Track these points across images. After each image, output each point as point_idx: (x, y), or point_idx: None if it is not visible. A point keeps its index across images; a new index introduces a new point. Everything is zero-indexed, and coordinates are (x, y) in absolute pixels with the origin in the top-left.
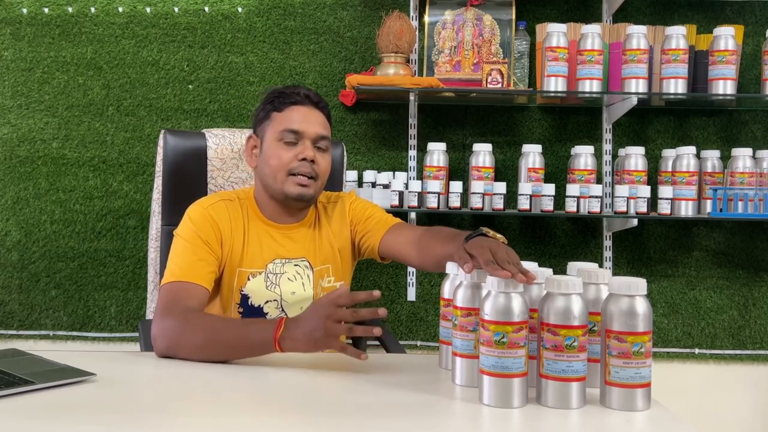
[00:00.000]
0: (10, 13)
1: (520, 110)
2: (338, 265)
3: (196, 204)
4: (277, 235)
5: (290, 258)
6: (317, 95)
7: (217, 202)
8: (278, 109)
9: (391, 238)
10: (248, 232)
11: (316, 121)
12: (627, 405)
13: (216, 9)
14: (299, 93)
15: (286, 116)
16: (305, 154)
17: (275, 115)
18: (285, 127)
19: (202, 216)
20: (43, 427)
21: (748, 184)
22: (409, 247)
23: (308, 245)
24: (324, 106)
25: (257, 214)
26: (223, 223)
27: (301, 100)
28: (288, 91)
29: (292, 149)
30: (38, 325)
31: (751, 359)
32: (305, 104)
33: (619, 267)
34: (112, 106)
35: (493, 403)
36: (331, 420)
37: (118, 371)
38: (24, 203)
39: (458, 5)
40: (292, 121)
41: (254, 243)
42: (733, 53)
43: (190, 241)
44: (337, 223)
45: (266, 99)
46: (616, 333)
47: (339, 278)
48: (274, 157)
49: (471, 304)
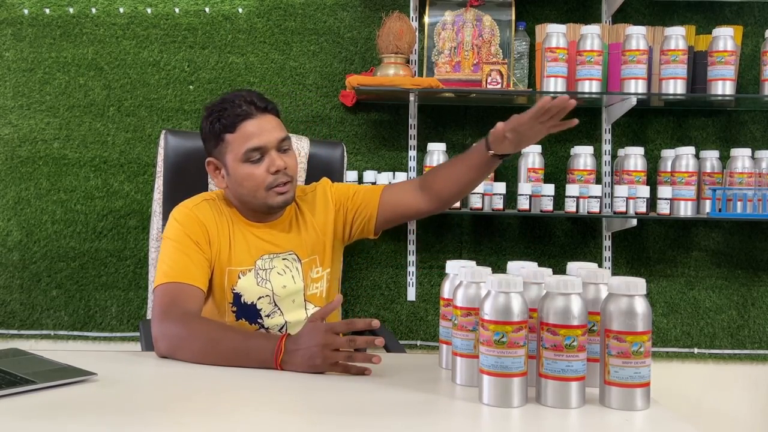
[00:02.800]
0: (11, 13)
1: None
2: (325, 254)
3: (180, 206)
4: (261, 233)
5: (278, 252)
6: (261, 97)
7: (200, 203)
8: (230, 130)
9: (390, 197)
10: (233, 232)
11: (272, 127)
12: (626, 404)
13: (217, 10)
14: (242, 105)
15: (242, 135)
16: (276, 166)
17: (229, 137)
18: (246, 147)
19: (188, 217)
20: (44, 426)
21: (747, 184)
22: (414, 195)
23: (293, 238)
24: (272, 107)
25: (237, 216)
26: (209, 222)
27: (248, 111)
28: (230, 105)
29: (261, 164)
30: (39, 324)
31: (750, 359)
32: (254, 115)
33: (619, 267)
34: (113, 106)
35: (493, 402)
36: (331, 419)
37: (118, 371)
38: (25, 203)
39: (458, 6)
40: (250, 138)
41: (240, 241)
42: (732, 54)
43: (180, 241)
44: (320, 211)
45: (209, 117)
46: (615, 333)
47: (327, 267)
48: (247, 179)
49: (471, 303)
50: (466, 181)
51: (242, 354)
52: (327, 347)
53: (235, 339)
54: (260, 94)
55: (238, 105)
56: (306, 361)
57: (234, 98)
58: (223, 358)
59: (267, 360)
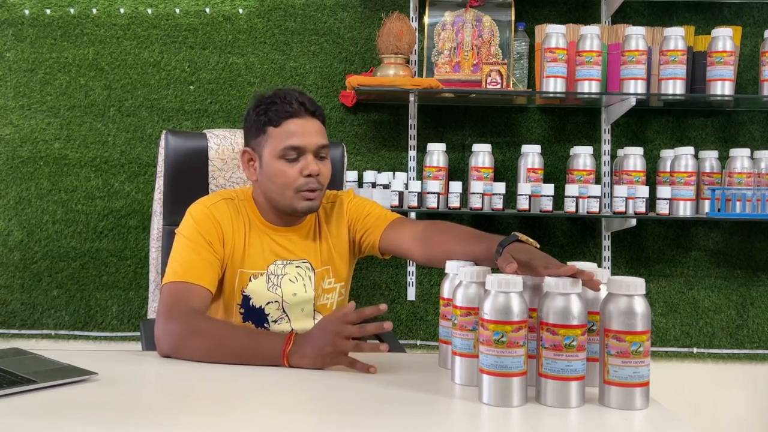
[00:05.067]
0: (13, 14)
1: (520, 111)
2: (338, 267)
3: (197, 203)
4: (278, 237)
5: (291, 259)
6: (311, 101)
7: (218, 202)
8: (274, 124)
9: (391, 233)
10: (249, 233)
11: (315, 132)
12: (626, 404)
13: (217, 10)
14: (292, 103)
15: (285, 131)
16: (310, 170)
17: (272, 130)
18: (285, 144)
19: (204, 215)
20: (45, 426)
21: (746, 184)
22: (412, 242)
23: (309, 247)
24: (320, 112)
25: (257, 216)
26: (225, 222)
27: (296, 111)
28: (280, 100)
29: (295, 165)
30: (40, 324)
31: (749, 358)
32: (301, 115)
33: (618, 267)
34: (113, 106)
35: (493, 402)
36: (331, 418)
37: (119, 370)
38: (26, 203)
39: (458, 6)
40: (291, 136)
41: (255, 244)
42: (731, 54)
43: (193, 240)
44: (335, 225)
45: (257, 108)
46: (614, 332)
47: (339, 279)
48: (279, 175)
49: (470, 303)
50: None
51: (249, 351)
52: (339, 335)
53: (242, 336)
54: (312, 98)
55: (289, 102)
56: (316, 351)
57: (286, 94)
58: (230, 355)
59: (275, 355)
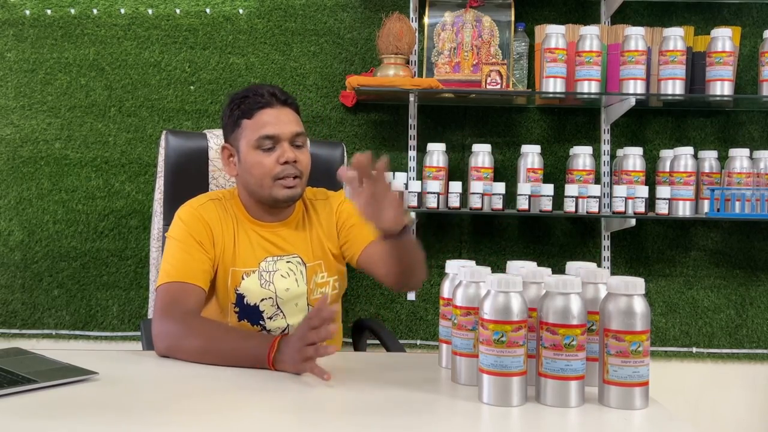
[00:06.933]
0: (13, 14)
1: (519, 111)
2: (330, 262)
3: (185, 205)
4: (266, 234)
5: (282, 255)
6: (282, 91)
7: (206, 203)
8: (247, 116)
9: (372, 253)
10: (238, 232)
11: (289, 120)
12: (625, 403)
13: (217, 11)
14: (263, 94)
15: (258, 122)
16: (286, 157)
17: (245, 122)
18: (259, 134)
19: (193, 216)
20: (46, 425)
21: (746, 184)
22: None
23: (299, 242)
24: (292, 101)
25: (244, 215)
26: (214, 222)
27: (268, 101)
28: (251, 93)
29: (272, 154)
30: (41, 324)
31: (748, 358)
32: (273, 105)
33: (617, 266)
34: (114, 107)
35: (493, 401)
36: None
37: (120, 370)
38: (27, 203)
39: (458, 7)
40: (264, 126)
41: (245, 242)
42: (731, 54)
43: (183, 241)
44: (325, 219)
45: (231, 104)
46: (614, 332)
47: (332, 274)
48: (256, 166)
49: (470, 303)
50: (396, 269)
51: (239, 353)
52: (302, 340)
53: (232, 338)
54: (282, 89)
55: (260, 94)
56: (290, 358)
57: (257, 89)
58: (221, 357)
59: (261, 359)
